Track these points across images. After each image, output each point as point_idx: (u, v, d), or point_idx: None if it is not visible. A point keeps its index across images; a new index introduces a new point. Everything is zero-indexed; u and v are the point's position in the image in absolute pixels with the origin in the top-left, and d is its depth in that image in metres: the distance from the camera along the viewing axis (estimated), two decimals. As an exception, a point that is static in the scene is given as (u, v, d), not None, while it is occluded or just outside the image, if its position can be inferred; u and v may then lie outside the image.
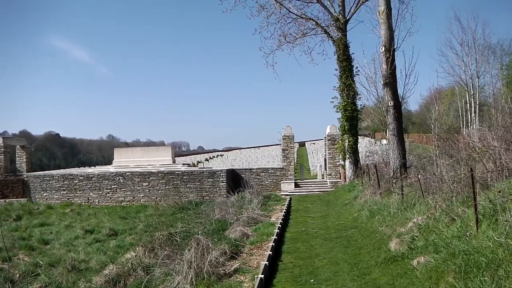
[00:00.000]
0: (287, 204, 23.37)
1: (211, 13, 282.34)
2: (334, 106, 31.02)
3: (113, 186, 34.01)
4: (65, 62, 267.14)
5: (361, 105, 31.45)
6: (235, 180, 33.93)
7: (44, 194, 35.05)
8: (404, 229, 11.50)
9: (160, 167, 36.39)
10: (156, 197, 33.09)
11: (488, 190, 9.50)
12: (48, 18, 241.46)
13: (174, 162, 39.74)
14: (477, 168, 10.74)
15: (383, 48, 20.29)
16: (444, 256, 7.90)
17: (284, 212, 20.00)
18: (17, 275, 15.83)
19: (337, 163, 33.26)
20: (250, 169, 35.68)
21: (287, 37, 31.90)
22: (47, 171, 44.25)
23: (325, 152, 36.14)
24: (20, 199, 34.63)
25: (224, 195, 30.45)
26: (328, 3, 30.89)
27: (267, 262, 10.37)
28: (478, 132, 16.03)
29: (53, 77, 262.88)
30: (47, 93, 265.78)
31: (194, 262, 10.59)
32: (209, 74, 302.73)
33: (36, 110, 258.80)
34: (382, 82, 21.25)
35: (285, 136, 34.59)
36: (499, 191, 8.60)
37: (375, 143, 59.90)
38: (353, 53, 30.37)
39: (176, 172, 33.73)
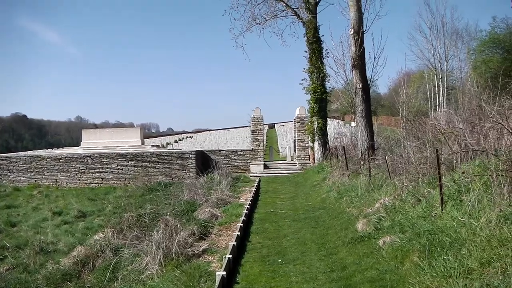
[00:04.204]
0: (256, 186, 23.48)
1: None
2: (304, 88, 31.19)
3: (81, 168, 33.51)
4: (33, 42, 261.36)
5: (330, 87, 31.72)
6: (204, 161, 33.85)
7: (11, 176, 34.30)
8: (371, 210, 11.67)
9: (129, 148, 36.00)
10: (125, 179, 32.77)
11: (453, 171, 9.67)
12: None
13: (143, 143, 39.33)
14: (442, 149, 10.90)
15: (352, 31, 20.32)
16: (410, 236, 8.05)
17: (253, 193, 20.10)
18: (-16, 258, 15.67)
19: (306, 145, 33.49)
20: (220, 151, 35.68)
21: (257, 19, 31.68)
22: (14, 153, 43.29)
23: (295, 134, 36.34)
24: (-15, 181, 33.95)
25: (193, 177, 30.36)
26: (299, -16, 30.72)
27: (235, 243, 10.42)
28: (445, 115, 16.27)
29: (21, 57, 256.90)
30: (14, 74, 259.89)
31: (163, 243, 10.58)
32: (178, 55, 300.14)
33: (3, 91, 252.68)
34: (350, 64, 21.41)
35: (254, 117, 34.66)
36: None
37: (344, 125, 60.39)
38: (322, 35, 30.51)
39: (145, 154, 33.44)
